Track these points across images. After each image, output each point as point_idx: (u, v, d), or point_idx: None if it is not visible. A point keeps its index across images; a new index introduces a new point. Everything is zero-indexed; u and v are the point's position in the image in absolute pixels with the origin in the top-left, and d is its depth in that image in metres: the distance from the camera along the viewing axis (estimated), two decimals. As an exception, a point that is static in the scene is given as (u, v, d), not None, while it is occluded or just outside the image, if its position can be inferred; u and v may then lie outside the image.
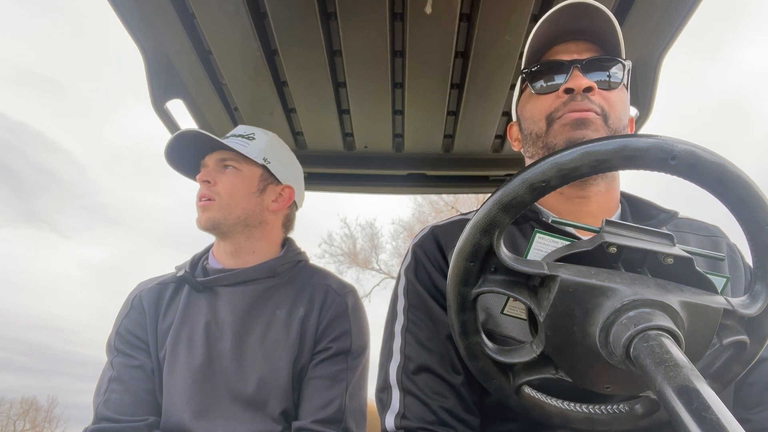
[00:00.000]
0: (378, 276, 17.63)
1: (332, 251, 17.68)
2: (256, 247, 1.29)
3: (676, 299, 0.53)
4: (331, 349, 1.20)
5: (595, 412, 0.63)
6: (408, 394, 0.77)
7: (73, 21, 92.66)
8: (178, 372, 1.15)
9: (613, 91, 0.83)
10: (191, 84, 1.46)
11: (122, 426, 1.09)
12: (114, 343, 1.21)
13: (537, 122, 0.86)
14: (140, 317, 1.23)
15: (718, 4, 21.63)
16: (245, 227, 1.27)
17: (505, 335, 0.76)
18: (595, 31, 0.85)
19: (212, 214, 1.22)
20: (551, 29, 0.85)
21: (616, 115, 0.82)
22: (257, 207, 1.28)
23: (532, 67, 0.87)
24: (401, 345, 0.82)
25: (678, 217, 0.88)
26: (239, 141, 1.28)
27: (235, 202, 1.24)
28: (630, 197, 0.94)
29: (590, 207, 0.86)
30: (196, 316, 1.21)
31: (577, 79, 0.81)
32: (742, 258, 0.88)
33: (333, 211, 17.87)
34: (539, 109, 0.86)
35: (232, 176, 1.26)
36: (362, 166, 1.75)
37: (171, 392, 1.15)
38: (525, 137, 0.91)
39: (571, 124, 0.80)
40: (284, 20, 1.21)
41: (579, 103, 0.80)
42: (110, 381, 1.16)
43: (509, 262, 0.58)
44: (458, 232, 0.92)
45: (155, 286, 1.27)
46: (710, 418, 0.38)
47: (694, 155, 0.53)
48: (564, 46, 0.87)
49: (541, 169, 0.55)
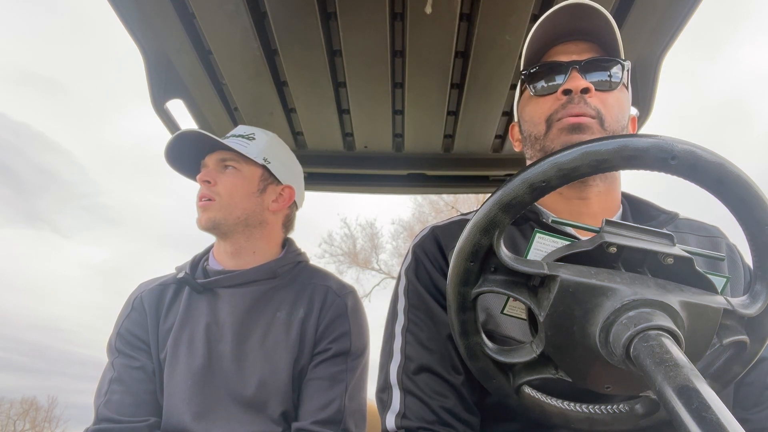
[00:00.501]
0: (378, 276, 17.65)
1: (332, 251, 17.69)
2: (256, 248, 1.29)
3: (676, 299, 0.53)
4: (330, 350, 1.20)
5: (595, 412, 0.63)
6: (408, 394, 0.78)
7: (73, 21, 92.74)
8: (179, 373, 1.16)
9: (611, 92, 0.83)
10: (191, 84, 1.46)
11: (123, 426, 1.10)
12: (115, 344, 1.21)
13: (537, 125, 0.85)
14: (141, 318, 1.23)
15: (718, 4, 21.65)
16: (245, 227, 1.27)
17: (505, 335, 0.76)
18: (593, 32, 0.85)
19: (212, 214, 1.23)
20: (549, 30, 0.85)
21: (613, 117, 0.82)
22: (257, 207, 1.28)
23: (531, 69, 0.87)
24: (402, 345, 0.82)
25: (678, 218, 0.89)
26: (239, 141, 1.28)
27: (236, 203, 1.24)
28: (631, 198, 0.94)
29: (590, 208, 0.85)
30: (196, 317, 1.21)
31: (574, 81, 0.81)
32: (742, 258, 0.88)
33: (333, 211, 17.90)
34: (538, 111, 0.86)
35: (232, 176, 1.26)
36: (362, 166, 1.75)
37: (171, 393, 1.15)
38: (525, 139, 0.91)
39: (567, 128, 0.80)
40: (284, 20, 1.21)
41: (575, 106, 0.80)
42: (111, 382, 1.16)
43: (509, 262, 0.58)
44: (458, 232, 0.92)
45: (156, 287, 1.27)
46: (710, 418, 0.38)
47: (694, 155, 0.53)
48: (563, 47, 0.86)
49: (541, 169, 0.55)
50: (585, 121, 0.79)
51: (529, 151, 0.89)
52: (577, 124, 0.79)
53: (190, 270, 1.27)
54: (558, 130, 0.81)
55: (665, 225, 0.85)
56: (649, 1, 1.17)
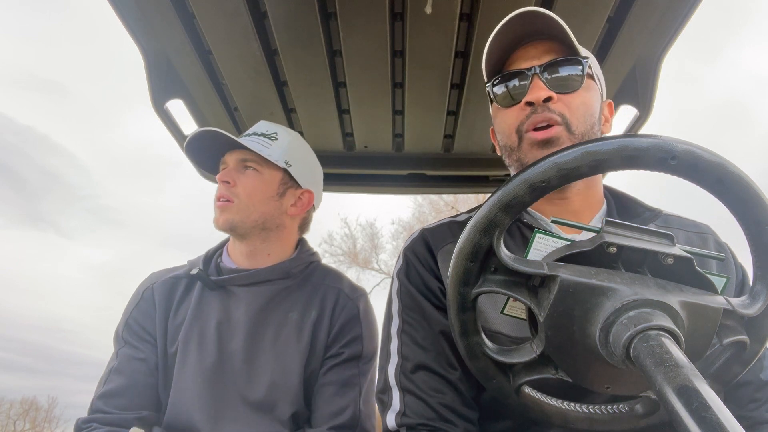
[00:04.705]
0: (378, 276, 17.65)
1: (332, 251, 17.69)
2: (271, 250, 1.28)
3: (676, 299, 0.53)
4: (343, 354, 1.19)
5: (595, 412, 0.62)
6: (407, 393, 0.79)
7: (74, 23, 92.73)
8: (189, 370, 1.15)
9: (575, 92, 0.84)
10: (191, 84, 1.46)
11: (112, 417, 1.09)
12: (122, 334, 1.21)
13: (509, 136, 0.87)
14: (151, 310, 1.22)
15: (718, 6, 21.67)
16: (262, 230, 1.25)
17: (505, 334, 0.77)
18: (549, 32, 0.85)
19: (230, 216, 1.21)
20: (506, 39, 0.86)
21: (579, 118, 0.82)
22: (276, 211, 1.26)
23: (495, 80, 0.88)
24: (398, 346, 0.84)
25: (665, 214, 0.89)
26: (261, 140, 1.26)
27: (254, 205, 1.23)
28: (615, 193, 0.94)
29: (572, 206, 0.86)
30: (208, 314, 1.20)
31: (535, 91, 0.82)
32: (734, 256, 0.88)
33: (333, 211, 17.84)
34: (507, 122, 0.87)
35: (252, 178, 1.24)
36: (362, 166, 1.75)
37: (180, 389, 1.14)
38: (501, 148, 0.92)
39: (537, 144, 0.82)
40: (284, 20, 1.21)
41: (540, 115, 0.82)
42: (111, 372, 1.16)
43: (509, 262, 0.58)
44: (447, 233, 0.92)
45: (168, 279, 1.26)
46: (710, 418, 0.38)
47: (694, 155, 0.53)
48: (523, 51, 0.87)
49: (541, 169, 0.55)
50: (552, 133, 0.80)
51: (507, 159, 0.90)
52: (545, 139, 0.81)
53: (204, 266, 1.26)
54: (529, 145, 0.83)
55: (651, 221, 0.86)
56: (649, 1, 1.17)
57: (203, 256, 1.30)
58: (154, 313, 1.22)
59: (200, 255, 1.32)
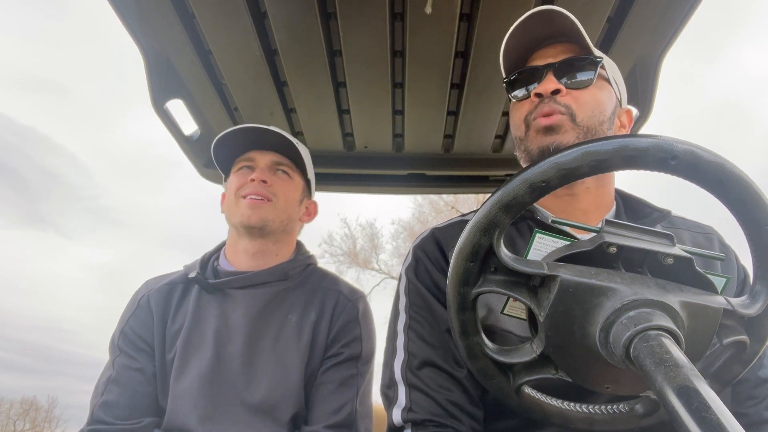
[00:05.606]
0: (378, 276, 17.64)
1: (332, 251, 17.67)
2: (279, 251, 1.31)
3: (676, 299, 0.53)
4: (342, 354, 1.20)
5: (595, 412, 0.62)
6: (414, 389, 0.79)
7: (74, 23, 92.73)
8: (188, 375, 1.15)
9: (586, 89, 0.86)
10: (191, 84, 1.46)
11: (115, 428, 1.09)
12: (117, 343, 1.21)
13: (518, 127, 0.90)
14: (147, 318, 1.22)
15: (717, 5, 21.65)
16: (282, 232, 1.30)
17: (515, 334, 0.77)
18: (567, 33, 0.88)
19: (266, 214, 1.23)
20: (524, 38, 0.89)
21: (587, 112, 0.84)
22: (296, 216, 1.34)
23: (511, 77, 0.92)
24: (404, 342, 0.84)
25: (672, 216, 0.90)
26: None
27: (287, 208, 1.28)
28: (625, 195, 0.95)
29: (581, 204, 0.87)
30: (206, 318, 1.20)
31: (545, 84, 0.85)
32: (736, 257, 0.89)
33: (333, 211, 17.84)
34: (518, 114, 0.90)
35: (286, 182, 1.30)
36: (362, 166, 1.75)
37: (178, 395, 1.14)
38: (515, 140, 0.95)
39: (541, 130, 0.84)
40: (284, 20, 1.21)
41: (545, 106, 0.84)
42: (108, 382, 1.16)
43: (509, 262, 0.58)
44: (458, 233, 0.93)
45: (163, 286, 1.26)
46: (710, 418, 0.38)
47: (694, 155, 0.53)
48: (542, 52, 0.91)
49: (541, 169, 0.55)
50: (555, 120, 0.83)
51: (517, 152, 0.93)
52: (549, 125, 0.83)
53: (201, 269, 1.26)
54: (534, 132, 0.85)
55: (658, 222, 0.87)
56: (649, 1, 1.17)
57: (200, 260, 1.30)
58: (151, 322, 1.22)
59: (196, 259, 1.32)
